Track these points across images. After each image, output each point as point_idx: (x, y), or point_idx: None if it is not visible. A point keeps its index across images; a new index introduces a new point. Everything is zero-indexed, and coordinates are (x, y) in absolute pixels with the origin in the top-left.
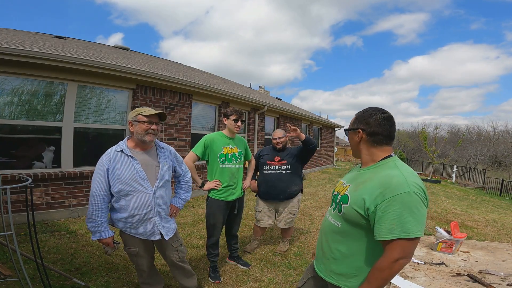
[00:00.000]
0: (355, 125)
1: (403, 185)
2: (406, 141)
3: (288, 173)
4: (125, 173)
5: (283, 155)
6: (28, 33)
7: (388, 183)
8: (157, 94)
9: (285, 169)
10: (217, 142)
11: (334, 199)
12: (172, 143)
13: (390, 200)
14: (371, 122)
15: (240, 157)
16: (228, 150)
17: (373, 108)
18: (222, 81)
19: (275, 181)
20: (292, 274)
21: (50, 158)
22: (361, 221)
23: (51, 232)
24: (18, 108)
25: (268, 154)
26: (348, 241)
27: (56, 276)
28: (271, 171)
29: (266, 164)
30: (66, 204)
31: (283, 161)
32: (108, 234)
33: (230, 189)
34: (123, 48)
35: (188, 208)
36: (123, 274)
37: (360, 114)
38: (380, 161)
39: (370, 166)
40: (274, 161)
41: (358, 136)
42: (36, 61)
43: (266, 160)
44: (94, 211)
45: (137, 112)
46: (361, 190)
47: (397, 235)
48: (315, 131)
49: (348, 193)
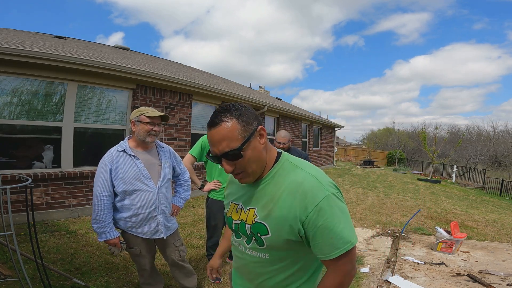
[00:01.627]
0: (249, 126)
1: (319, 188)
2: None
3: None
4: (128, 172)
5: None
6: (28, 33)
7: (301, 192)
8: (157, 94)
9: None
10: None
11: (240, 230)
12: (172, 143)
13: (315, 212)
14: (255, 117)
15: None
16: None
17: (235, 103)
18: (222, 81)
19: None
20: None
21: (50, 158)
22: (295, 244)
23: (51, 232)
24: (18, 108)
25: None
26: (286, 267)
27: (56, 276)
28: None
29: None
30: (66, 204)
31: None
32: (115, 235)
33: None
34: (123, 48)
35: (188, 208)
36: (123, 274)
37: (242, 111)
38: (274, 165)
39: (266, 176)
40: None
41: (262, 140)
42: (36, 61)
43: None
44: (99, 212)
45: (140, 112)
46: (277, 213)
47: (342, 248)
48: (315, 131)
49: (260, 220)
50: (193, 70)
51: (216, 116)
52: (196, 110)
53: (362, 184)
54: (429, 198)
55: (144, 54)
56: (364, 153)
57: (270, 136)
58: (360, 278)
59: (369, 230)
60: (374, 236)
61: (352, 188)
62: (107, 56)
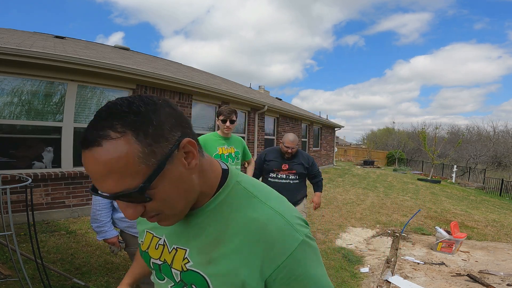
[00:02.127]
0: (161, 143)
1: (290, 232)
2: (406, 141)
3: (296, 183)
4: None
5: (292, 163)
6: (28, 33)
7: (266, 239)
8: (157, 94)
9: (293, 178)
10: (211, 142)
11: (163, 271)
12: None
13: (287, 266)
14: (177, 122)
15: (237, 157)
16: (224, 150)
17: (136, 96)
18: (222, 81)
19: (281, 190)
20: None
21: (50, 158)
22: None
23: (51, 232)
24: (18, 108)
25: (276, 161)
26: None
27: (56, 276)
28: (277, 180)
29: (273, 172)
30: (66, 204)
31: (292, 171)
32: (113, 234)
33: None
34: (123, 48)
35: None
36: (123, 274)
37: (144, 114)
38: (219, 189)
39: (206, 206)
40: (281, 169)
41: (191, 161)
42: (36, 61)
43: (273, 167)
44: (97, 211)
45: None
46: (223, 263)
47: None
48: (315, 131)
49: (195, 269)
50: (193, 70)
51: (95, 126)
52: (196, 110)
53: (362, 184)
54: (429, 198)
55: (144, 54)
56: (364, 153)
57: (269, 136)
58: (360, 278)
59: (369, 230)
60: (374, 236)
61: (352, 188)
62: (107, 56)
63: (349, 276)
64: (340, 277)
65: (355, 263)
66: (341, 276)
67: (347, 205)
